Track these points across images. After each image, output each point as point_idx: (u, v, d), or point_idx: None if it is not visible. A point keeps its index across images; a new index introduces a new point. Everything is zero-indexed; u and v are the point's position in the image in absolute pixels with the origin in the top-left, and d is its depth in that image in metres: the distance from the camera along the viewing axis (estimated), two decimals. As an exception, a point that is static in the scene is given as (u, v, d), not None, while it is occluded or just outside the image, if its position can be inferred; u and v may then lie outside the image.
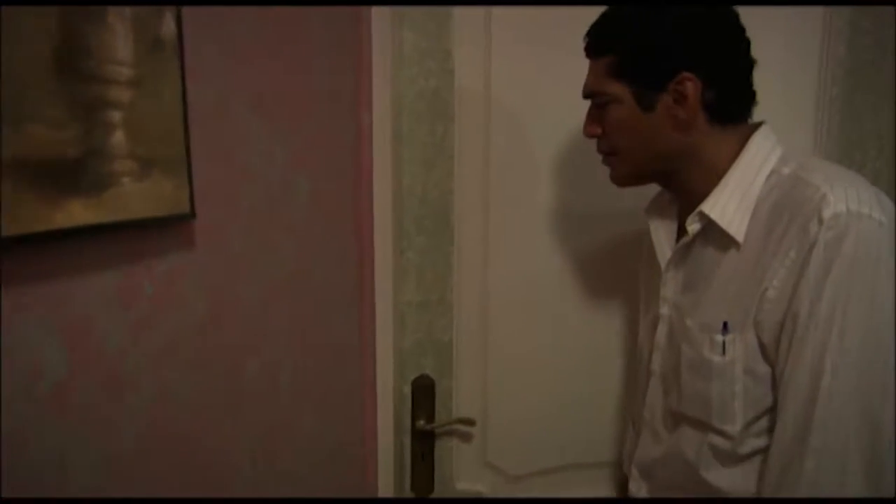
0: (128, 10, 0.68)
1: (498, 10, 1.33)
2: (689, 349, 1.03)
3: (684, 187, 1.06)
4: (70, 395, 0.65)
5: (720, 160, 1.00)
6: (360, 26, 1.26)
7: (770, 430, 0.96)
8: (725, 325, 0.99)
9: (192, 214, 0.79)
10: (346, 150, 1.25)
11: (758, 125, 1.01)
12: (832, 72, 1.30)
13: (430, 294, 1.42)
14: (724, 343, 0.99)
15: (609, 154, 1.07)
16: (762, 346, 0.96)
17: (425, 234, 1.40)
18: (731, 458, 1.01)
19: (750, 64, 0.99)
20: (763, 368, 0.96)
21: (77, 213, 0.62)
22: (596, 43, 1.03)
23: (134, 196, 0.70)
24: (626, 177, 1.08)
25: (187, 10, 0.76)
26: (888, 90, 1.28)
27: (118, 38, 0.67)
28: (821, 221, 0.88)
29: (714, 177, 1.01)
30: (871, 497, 0.87)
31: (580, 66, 1.21)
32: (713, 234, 1.01)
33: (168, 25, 0.74)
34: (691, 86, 0.96)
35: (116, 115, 0.67)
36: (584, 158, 1.36)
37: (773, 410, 0.96)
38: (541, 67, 1.34)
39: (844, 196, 0.88)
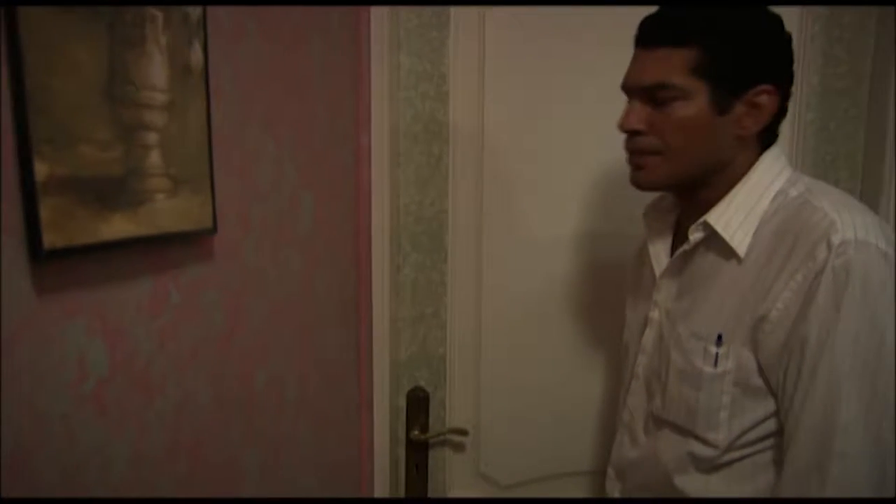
0: (163, 39, 0.74)
1: (491, 35, 1.40)
2: (680, 357, 1.03)
3: (699, 196, 1.03)
4: (109, 393, 0.70)
5: (739, 175, 1.00)
6: (359, 51, 1.33)
7: (757, 441, 0.98)
8: (720, 337, 0.99)
9: (214, 229, 0.85)
10: (346, 170, 1.31)
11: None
12: (807, 98, 1.39)
13: (424, 308, 1.49)
14: (717, 355, 0.99)
15: (650, 153, 1.00)
16: (759, 364, 0.96)
17: (421, 251, 1.47)
18: (709, 466, 1.02)
19: None
20: (757, 382, 0.97)
21: (118, 226, 0.68)
22: (676, 31, 0.95)
23: (166, 211, 0.75)
24: (662, 179, 1.02)
25: (212, 39, 0.83)
26: (860, 116, 1.38)
27: (155, 65, 0.73)
28: (829, 247, 0.88)
29: (727, 190, 1.00)
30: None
31: (571, 90, 1.28)
32: (714, 245, 1.01)
33: (196, 53, 0.80)
34: (768, 99, 0.95)
35: (153, 137, 0.73)
36: (574, 178, 1.45)
37: (762, 423, 0.97)
38: (532, 90, 1.42)
39: (852, 224, 0.89)
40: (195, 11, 0.79)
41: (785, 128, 1.36)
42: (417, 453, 1.50)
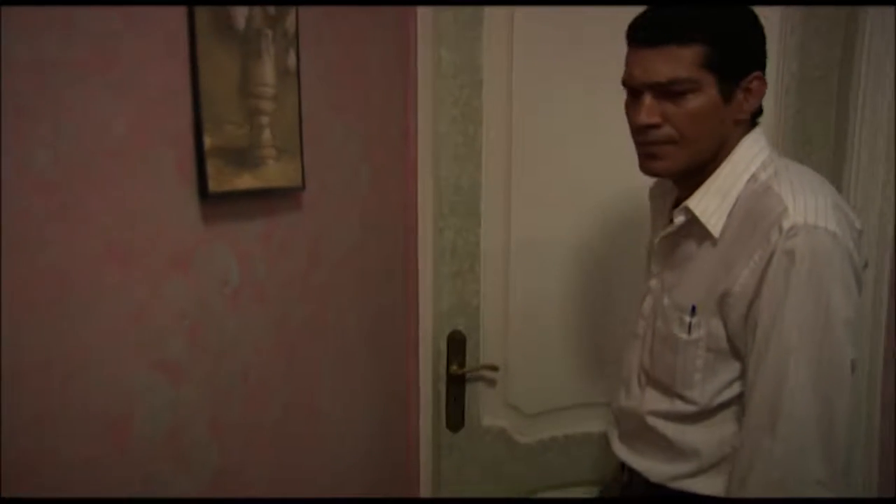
0: (272, 50, 1.07)
1: (519, 31, 1.71)
2: (662, 324, 1.21)
3: (697, 178, 1.15)
4: (239, 299, 1.05)
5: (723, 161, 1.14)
6: (407, 47, 1.65)
7: (729, 401, 1.15)
8: (693, 308, 1.15)
9: (303, 187, 1.18)
10: (397, 147, 1.64)
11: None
12: (787, 84, 1.66)
13: (462, 265, 1.81)
14: (690, 324, 1.15)
15: (667, 143, 1.10)
16: (727, 332, 1.12)
17: (458, 217, 1.79)
18: (687, 418, 1.19)
19: None
20: (726, 347, 1.13)
21: (247, 180, 1.02)
22: (685, 30, 1.05)
23: (273, 172, 1.09)
24: (679, 166, 1.13)
25: (302, 47, 1.16)
26: (830, 99, 1.65)
27: (267, 69, 1.06)
28: (780, 231, 1.02)
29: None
30: (831, 474, 1.02)
31: (592, 79, 1.55)
32: (696, 226, 1.15)
33: (292, 58, 1.13)
34: (759, 83, 1.10)
35: (266, 119, 1.06)
36: (592, 152, 1.75)
37: (732, 384, 1.14)
38: (555, 79, 1.72)
39: (804, 209, 1.02)
40: (292, 27, 1.12)
41: (768, 110, 1.65)
42: (455, 386, 1.83)
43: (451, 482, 1.86)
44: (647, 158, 1.14)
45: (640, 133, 1.12)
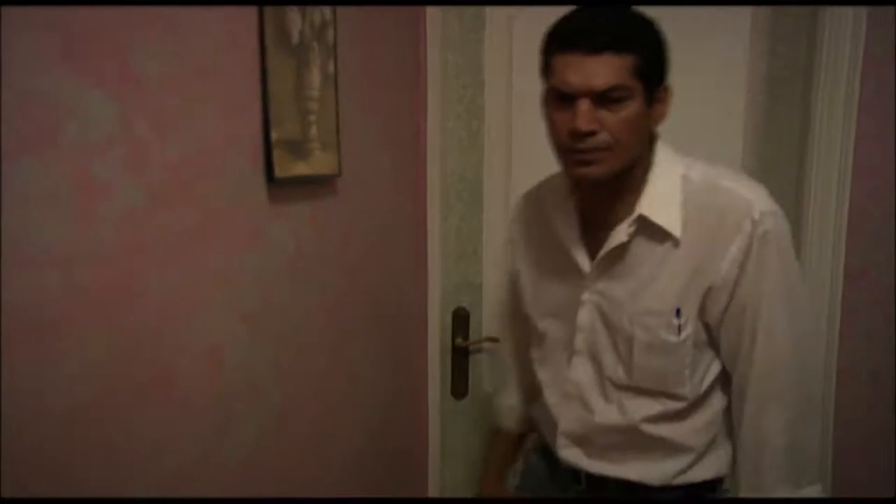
0: (318, 60, 1.28)
1: (518, 34, 1.92)
2: (644, 333, 1.21)
3: (615, 185, 1.19)
4: (295, 267, 1.26)
5: (644, 164, 1.20)
6: (417, 50, 1.86)
7: (710, 385, 1.25)
8: (678, 310, 1.19)
9: (340, 174, 1.40)
10: (409, 141, 1.86)
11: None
12: (757, 84, 1.89)
13: (466, 248, 2.03)
14: (679, 326, 1.19)
15: (605, 149, 1.12)
16: (706, 325, 1.20)
17: (463, 204, 2.01)
18: (680, 414, 1.25)
19: None
20: (704, 338, 1.21)
21: (300, 168, 1.24)
22: (621, 39, 1.09)
23: (319, 161, 1.30)
24: (612, 171, 1.15)
25: (339, 56, 1.37)
26: (796, 98, 1.88)
27: (314, 76, 1.28)
28: (752, 221, 1.13)
29: (640, 179, 1.19)
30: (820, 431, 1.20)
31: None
32: (646, 232, 1.19)
33: (331, 66, 1.34)
34: (667, 94, 1.17)
35: (313, 118, 1.28)
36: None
37: (710, 369, 1.24)
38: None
39: (760, 198, 1.15)
40: (331, 39, 1.34)
41: (739, 108, 1.87)
42: (460, 357, 2.06)
43: (458, 447, 2.08)
44: (581, 165, 1.14)
45: (575, 140, 1.12)
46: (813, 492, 1.22)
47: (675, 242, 1.18)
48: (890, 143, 1.74)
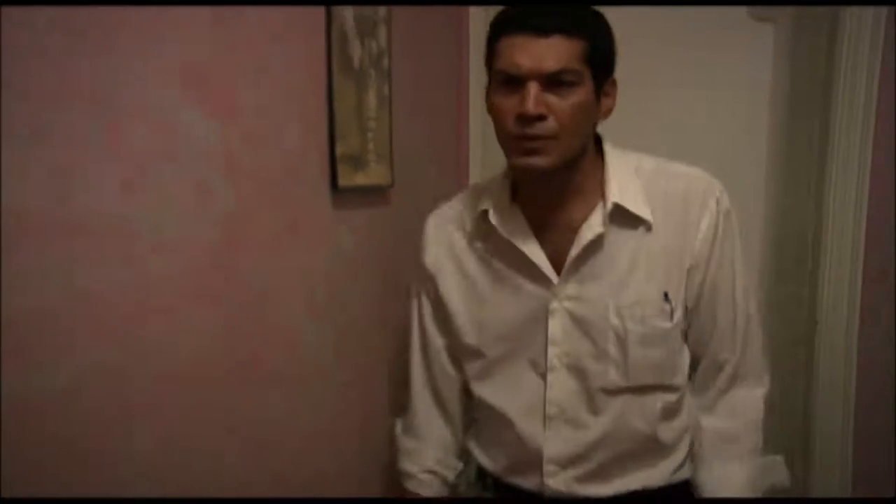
0: (375, 84, 1.47)
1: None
2: (639, 324, 1.18)
3: (570, 182, 1.17)
4: (355, 263, 1.45)
5: (590, 158, 1.19)
6: (460, 53, 2.04)
7: (687, 377, 1.27)
8: (666, 295, 1.19)
9: (393, 184, 1.58)
10: (451, 148, 2.04)
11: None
12: (780, 98, 2.03)
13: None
14: (671, 310, 1.19)
15: (550, 138, 1.08)
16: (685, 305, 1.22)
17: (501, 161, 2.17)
18: (673, 411, 1.25)
19: None
20: (683, 322, 1.23)
21: (360, 179, 1.42)
22: (572, 23, 1.07)
23: (375, 173, 1.49)
24: (557, 162, 1.10)
25: (393, 79, 1.55)
26: (815, 110, 2.01)
27: (371, 97, 1.46)
28: (716, 199, 1.19)
29: (591, 175, 1.18)
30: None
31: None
32: (618, 221, 1.17)
33: (386, 88, 1.53)
34: (614, 88, 1.17)
35: (370, 134, 1.46)
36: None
37: (686, 360, 1.26)
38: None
39: (713, 178, 1.21)
40: (386, 65, 1.52)
41: (764, 118, 2.01)
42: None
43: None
44: (528, 154, 1.10)
45: (524, 125, 1.07)
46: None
47: (648, 228, 1.18)
48: (905, 153, 1.87)
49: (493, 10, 1.17)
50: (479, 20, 2.06)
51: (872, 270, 1.92)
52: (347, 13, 1.35)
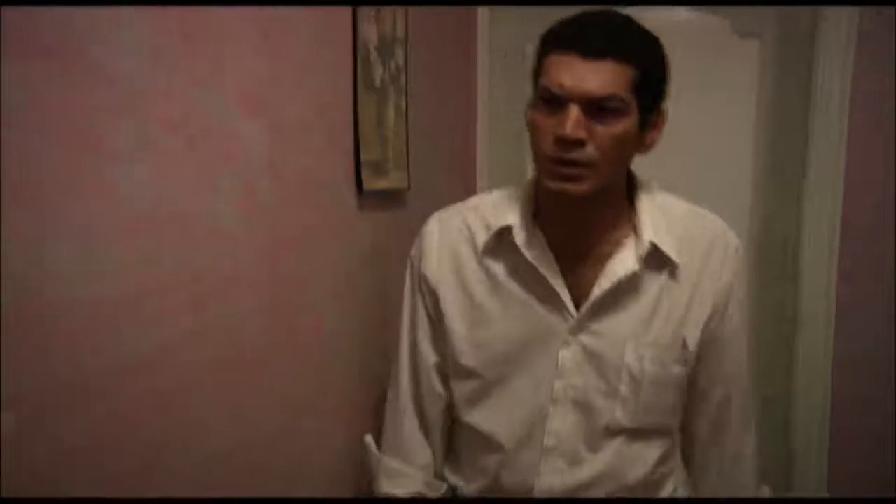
0: (394, 99, 1.65)
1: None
2: (658, 367, 1.15)
3: (603, 212, 1.14)
4: (374, 259, 1.62)
5: (622, 190, 1.16)
6: (469, 57, 2.23)
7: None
8: (684, 340, 1.16)
9: (409, 188, 1.76)
10: (460, 156, 2.22)
11: None
12: (764, 110, 2.21)
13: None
14: (685, 359, 1.17)
15: (587, 165, 1.04)
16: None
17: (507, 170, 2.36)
18: (666, 456, 1.25)
19: None
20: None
21: (382, 183, 1.61)
22: (624, 48, 1.02)
23: (394, 178, 1.67)
24: (593, 190, 1.06)
25: (410, 95, 1.74)
26: (799, 123, 2.19)
27: (390, 111, 1.65)
28: (735, 247, 1.18)
29: (619, 207, 1.15)
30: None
31: None
32: (649, 259, 1.14)
33: (403, 102, 1.71)
34: (661, 119, 1.11)
35: (389, 143, 1.65)
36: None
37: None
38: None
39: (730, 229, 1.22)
40: (404, 83, 1.71)
41: (748, 131, 2.19)
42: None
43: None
44: (563, 179, 1.06)
45: (561, 148, 1.03)
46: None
47: (673, 270, 1.14)
48: (876, 167, 2.05)
49: (495, 29, 1.35)
50: (486, 41, 2.25)
51: (845, 272, 2.11)
52: (372, 34, 1.54)
